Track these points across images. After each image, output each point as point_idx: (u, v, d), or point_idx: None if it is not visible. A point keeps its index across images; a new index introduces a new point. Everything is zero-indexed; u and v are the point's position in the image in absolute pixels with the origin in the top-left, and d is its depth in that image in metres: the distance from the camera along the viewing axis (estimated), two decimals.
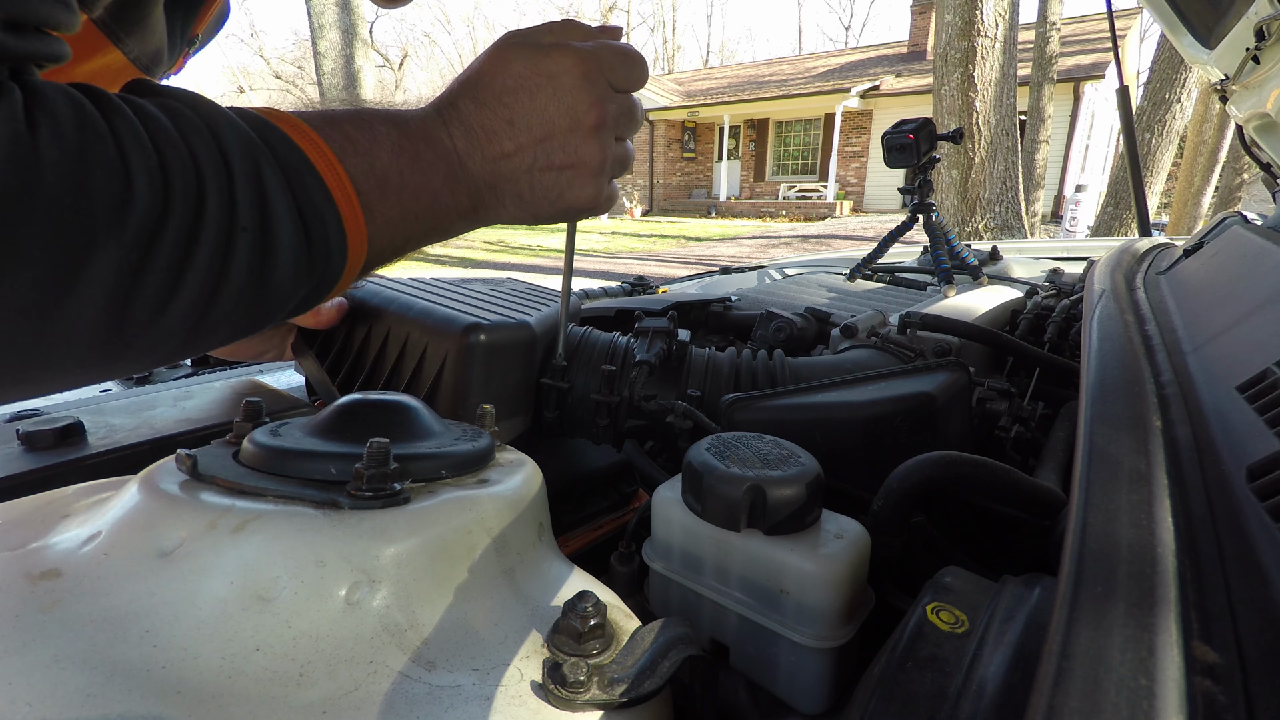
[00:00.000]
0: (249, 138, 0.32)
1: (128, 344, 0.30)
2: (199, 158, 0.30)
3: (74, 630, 0.29)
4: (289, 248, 0.33)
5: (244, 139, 0.32)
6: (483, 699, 0.30)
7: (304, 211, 0.34)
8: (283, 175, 0.33)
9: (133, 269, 0.28)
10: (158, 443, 0.63)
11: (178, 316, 0.31)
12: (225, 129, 0.32)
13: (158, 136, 0.29)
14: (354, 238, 0.36)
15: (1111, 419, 0.40)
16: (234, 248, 0.31)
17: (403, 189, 0.39)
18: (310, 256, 0.35)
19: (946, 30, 6.59)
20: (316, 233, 0.34)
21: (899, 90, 15.53)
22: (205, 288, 0.31)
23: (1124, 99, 2.08)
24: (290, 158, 0.33)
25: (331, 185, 0.35)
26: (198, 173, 0.30)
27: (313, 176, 0.34)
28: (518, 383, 0.66)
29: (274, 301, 0.35)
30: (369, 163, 0.37)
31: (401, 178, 0.39)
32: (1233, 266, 0.71)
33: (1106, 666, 0.21)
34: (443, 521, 0.36)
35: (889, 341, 0.76)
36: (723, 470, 0.42)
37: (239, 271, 0.32)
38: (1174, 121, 7.35)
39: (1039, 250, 2.11)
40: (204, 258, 0.30)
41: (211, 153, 0.31)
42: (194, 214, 0.29)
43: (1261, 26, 0.90)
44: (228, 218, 0.31)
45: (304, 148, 0.34)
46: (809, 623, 0.38)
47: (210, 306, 0.32)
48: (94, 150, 0.27)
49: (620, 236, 13.04)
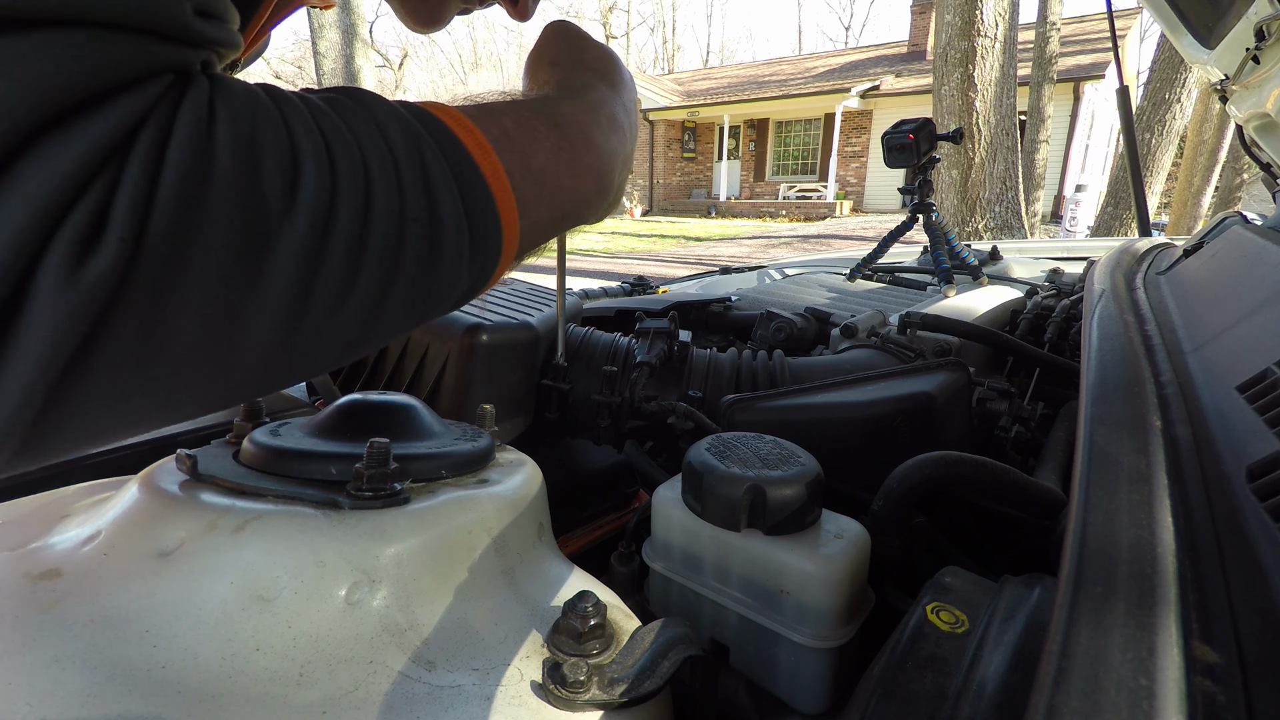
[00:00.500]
0: (413, 128, 0.32)
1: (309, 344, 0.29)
2: (362, 143, 0.30)
3: (74, 630, 0.29)
4: (454, 240, 0.33)
5: (408, 129, 0.32)
6: (483, 699, 0.30)
7: (467, 205, 0.33)
8: (446, 165, 0.33)
9: (310, 258, 0.27)
10: (158, 443, 0.63)
11: (353, 310, 0.30)
12: (388, 119, 0.32)
13: (323, 122, 0.29)
14: (509, 232, 0.36)
15: (1111, 419, 0.40)
16: (405, 237, 0.31)
17: (557, 189, 0.39)
18: (472, 250, 0.34)
19: (946, 30, 6.59)
20: (477, 226, 0.34)
21: (899, 90, 15.53)
22: (380, 279, 0.30)
23: (1124, 99, 2.08)
24: (451, 148, 0.33)
25: (491, 179, 0.35)
26: (363, 157, 0.29)
27: (474, 171, 0.34)
28: (519, 383, 0.66)
29: (439, 296, 0.35)
30: (526, 160, 0.37)
31: (556, 177, 0.39)
32: (1233, 266, 0.71)
33: (1106, 666, 0.21)
34: (443, 521, 0.36)
35: (889, 341, 0.76)
36: (723, 470, 0.42)
37: (411, 263, 0.31)
38: (1174, 121, 7.34)
39: (1039, 250, 2.11)
40: (377, 247, 0.30)
41: (376, 141, 0.30)
42: (364, 201, 0.29)
43: (1261, 26, 0.90)
44: (397, 206, 0.30)
45: (465, 141, 0.34)
46: (809, 623, 0.38)
47: (384, 299, 0.31)
48: (265, 134, 0.26)
49: (620, 236, 13.04)
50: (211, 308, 0.25)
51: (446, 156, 0.33)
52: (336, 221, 0.28)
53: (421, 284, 0.32)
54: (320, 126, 0.29)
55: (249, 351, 0.27)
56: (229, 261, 0.25)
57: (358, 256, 0.29)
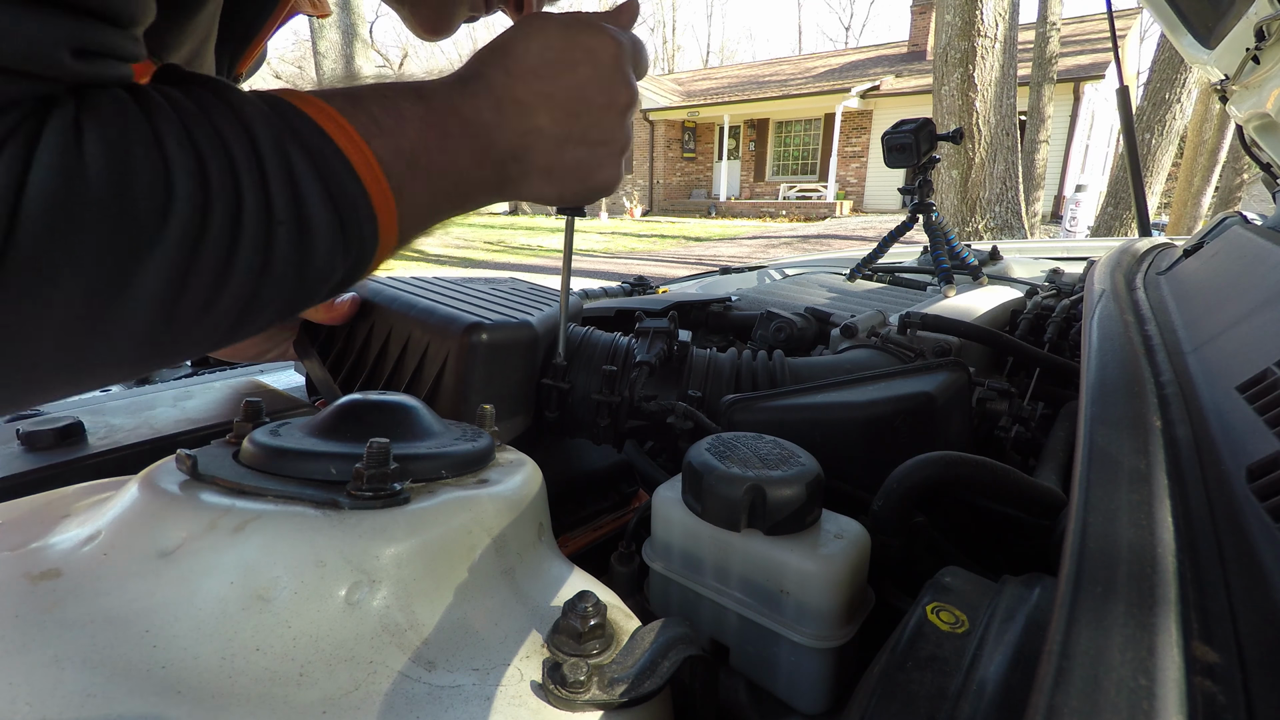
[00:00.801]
0: (277, 127, 0.32)
1: (175, 340, 0.31)
2: (234, 155, 0.30)
3: (74, 630, 0.29)
4: (324, 237, 0.33)
5: (273, 129, 0.32)
6: (483, 699, 0.30)
7: (336, 199, 0.33)
8: (313, 164, 0.33)
9: (180, 272, 0.28)
10: (158, 443, 0.63)
11: (222, 312, 0.31)
12: (255, 120, 0.32)
13: (196, 134, 0.29)
14: (385, 219, 0.36)
15: (1111, 419, 0.40)
16: (273, 242, 0.31)
17: (430, 166, 0.38)
18: (345, 242, 0.35)
19: (946, 30, 6.60)
20: (349, 219, 0.34)
21: (899, 90, 15.54)
22: (249, 283, 0.31)
23: (1124, 99, 2.08)
24: (318, 144, 0.33)
25: (360, 168, 0.34)
26: (233, 170, 0.30)
27: (341, 162, 0.34)
28: (519, 382, 0.66)
29: (312, 288, 0.35)
30: (396, 142, 0.36)
31: (429, 155, 0.38)
32: (1233, 266, 0.71)
33: (1106, 666, 0.21)
34: (442, 521, 0.36)
35: (889, 341, 0.76)
36: (723, 470, 0.42)
37: (280, 264, 0.32)
38: (1174, 121, 7.34)
39: (1039, 250, 2.11)
40: (246, 255, 0.30)
41: (244, 147, 0.31)
42: (234, 212, 0.30)
43: (1261, 26, 0.90)
44: (265, 213, 0.31)
45: (330, 132, 0.34)
46: (809, 623, 0.38)
47: (254, 299, 0.32)
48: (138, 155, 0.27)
49: (620, 236, 13.03)
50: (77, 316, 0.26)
51: (312, 153, 0.33)
52: (207, 234, 0.29)
53: (291, 281, 0.33)
54: (192, 137, 0.29)
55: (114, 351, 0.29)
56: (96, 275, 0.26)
57: (226, 263, 0.30)
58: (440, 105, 0.39)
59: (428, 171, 0.38)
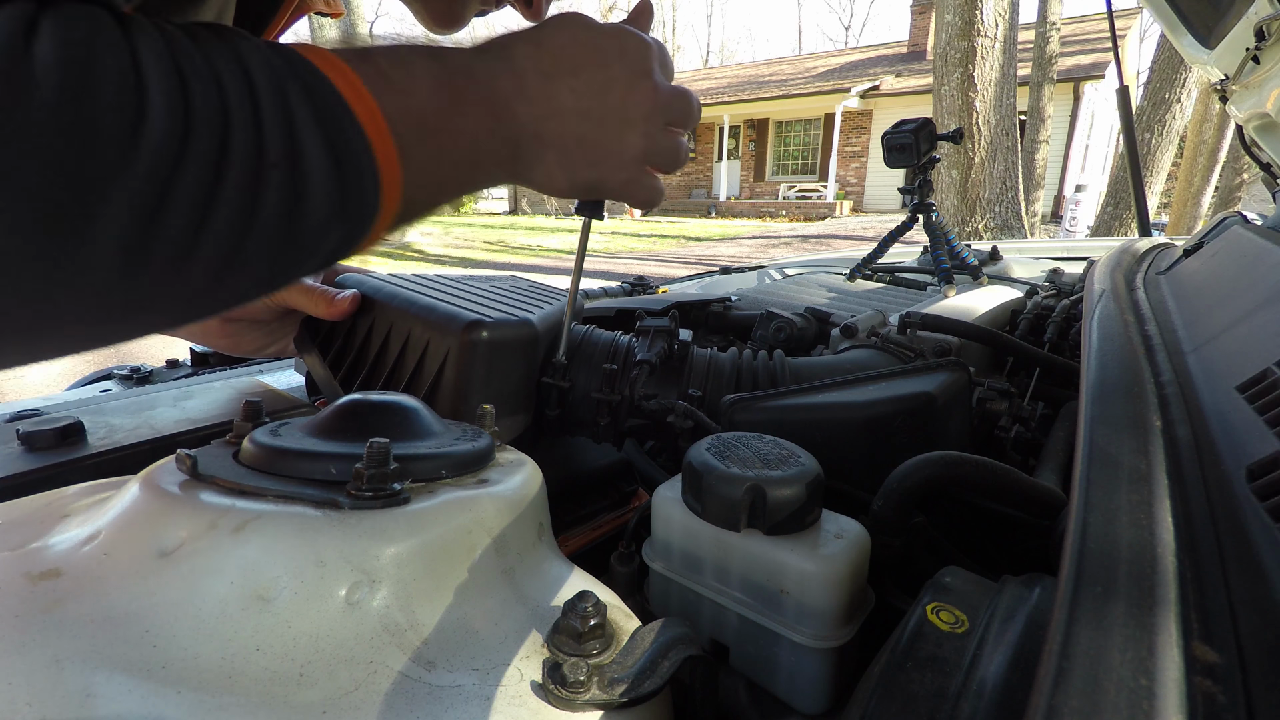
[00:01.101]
0: (278, 66, 0.29)
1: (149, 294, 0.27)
2: (224, 85, 0.27)
3: (74, 630, 0.29)
4: (320, 188, 0.30)
5: (273, 67, 0.29)
6: (483, 699, 0.30)
7: (337, 149, 0.30)
8: (313, 109, 0.30)
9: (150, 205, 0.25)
10: (158, 443, 0.63)
11: (202, 262, 0.27)
12: (251, 55, 0.29)
13: (179, 55, 0.26)
14: (388, 180, 0.33)
15: (1111, 419, 0.40)
16: (263, 185, 0.28)
17: (440, 130, 0.36)
18: (343, 200, 0.31)
19: (946, 30, 6.60)
20: (350, 173, 0.31)
21: (899, 90, 15.53)
22: (231, 230, 0.28)
23: (1124, 99, 2.08)
24: (322, 90, 0.30)
25: (365, 122, 0.32)
26: (223, 101, 0.27)
27: (345, 112, 0.31)
28: (519, 381, 0.66)
29: (304, 249, 0.32)
30: (405, 100, 0.34)
31: (440, 118, 0.36)
32: (1233, 266, 0.71)
33: (1106, 666, 0.21)
34: (442, 521, 0.36)
35: (889, 341, 0.76)
36: (723, 470, 0.42)
37: (268, 212, 0.29)
38: (1174, 121, 7.35)
39: (1039, 250, 2.11)
40: (230, 195, 0.27)
41: (237, 79, 0.27)
42: (219, 145, 0.26)
43: (1261, 26, 0.90)
44: (255, 150, 0.28)
45: (336, 81, 0.31)
46: (809, 623, 0.38)
47: (237, 252, 0.28)
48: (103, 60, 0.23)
49: (620, 236, 13.03)
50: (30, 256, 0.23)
51: (314, 98, 0.30)
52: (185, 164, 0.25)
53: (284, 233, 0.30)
54: (177, 61, 0.26)
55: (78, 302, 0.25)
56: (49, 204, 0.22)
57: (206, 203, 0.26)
58: (457, 66, 0.37)
59: (438, 136, 0.36)
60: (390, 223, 0.36)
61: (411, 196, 0.36)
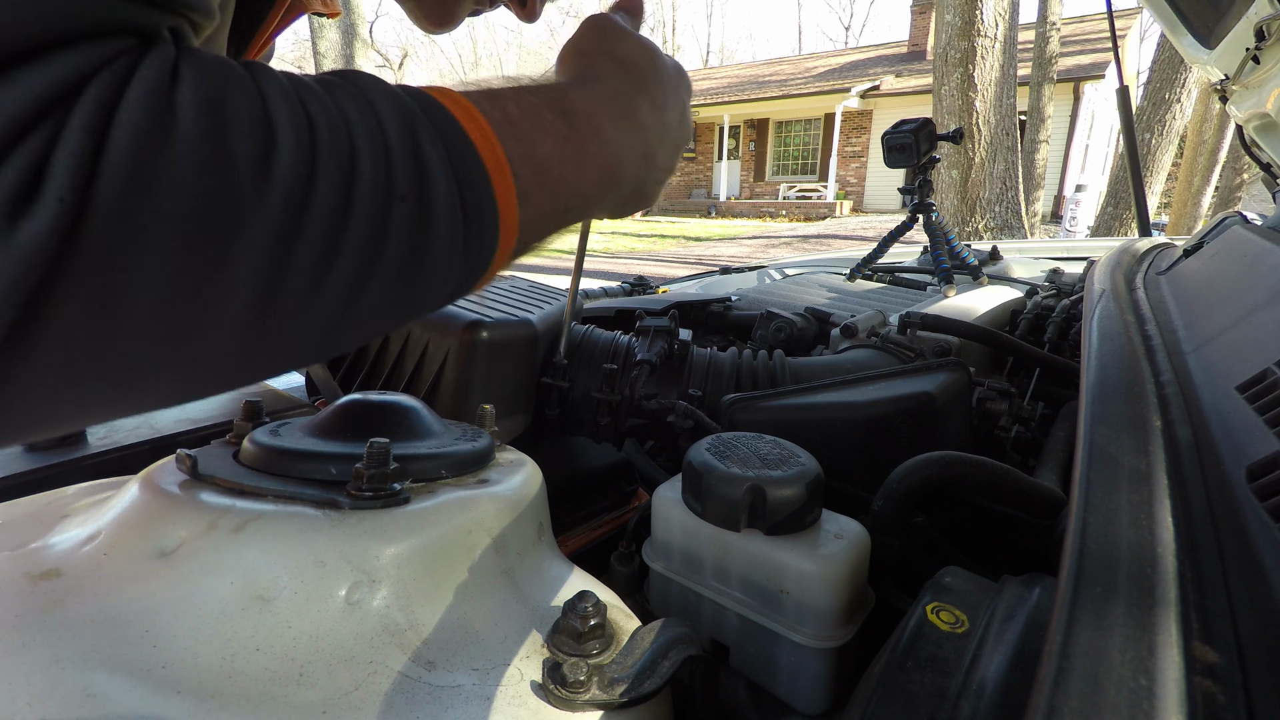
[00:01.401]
0: (408, 107, 0.30)
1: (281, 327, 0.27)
2: (349, 117, 0.28)
3: (74, 630, 0.29)
4: (446, 226, 0.30)
5: (402, 108, 0.30)
6: (483, 699, 0.30)
7: (463, 189, 0.31)
8: (442, 148, 0.30)
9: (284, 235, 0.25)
10: (158, 443, 0.63)
11: (331, 295, 0.28)
12: (380, 96, 0.29)
13: (305, 94, 0.27)
14: (507, 223, 0.34)
15: (1111, 419, 0.40)
16: (391, 218, 0.28)
17: (561, 181, 0.37)
18: (465, 240, 0.32)
19: (946, 30, 6.60)
20: (473, 214, 0.31)
21: (899, 90, 15.53)
22: (361, 262, 0.28)
23: (1124, 99, 2.08)
24: (450, 131, 0.31)
25: (489, 165, 0.32)
26: (349, 131, 0.27)
27: (471, 153, 0.31)
28: (519, 380, 0.66)
29: (428, 288, 0.32)
30: (529, 148, 0.35)
31: (562, 169, 0.37)
32: (1233, 266, 0.71)
33: (1106, 666, 0.21)
34: (442, 521, 0.36)
35: (889, 341, 0.76)
36: (723, 470, 0.42)
37: (397, 247, 0.29)
38: (1174, 121, 7.35)
39: (1039, 250, 2.11)
40: (359, 226, 0.27)
41: (366, 117, 0.28)
42: (347, 175, 0.27)
43: (1261, 26, 0.90)
44: (384, 182, 0.28)
45: (464, 123, 0.32)
46: (809, 623, 0.38)
47: (365, 287, 0.29)
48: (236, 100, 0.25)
49: (620, 236, 13.03)
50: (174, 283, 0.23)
51: (443, 138, 0.30)
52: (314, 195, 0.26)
53: (409, 271, 0.30)
54: (303, 100, 0.27)
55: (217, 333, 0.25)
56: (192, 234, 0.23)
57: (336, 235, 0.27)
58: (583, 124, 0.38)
59: (557, 184, 0.37)
60: (501, 265, 0.37)
61: (525, 237, 0.37)
